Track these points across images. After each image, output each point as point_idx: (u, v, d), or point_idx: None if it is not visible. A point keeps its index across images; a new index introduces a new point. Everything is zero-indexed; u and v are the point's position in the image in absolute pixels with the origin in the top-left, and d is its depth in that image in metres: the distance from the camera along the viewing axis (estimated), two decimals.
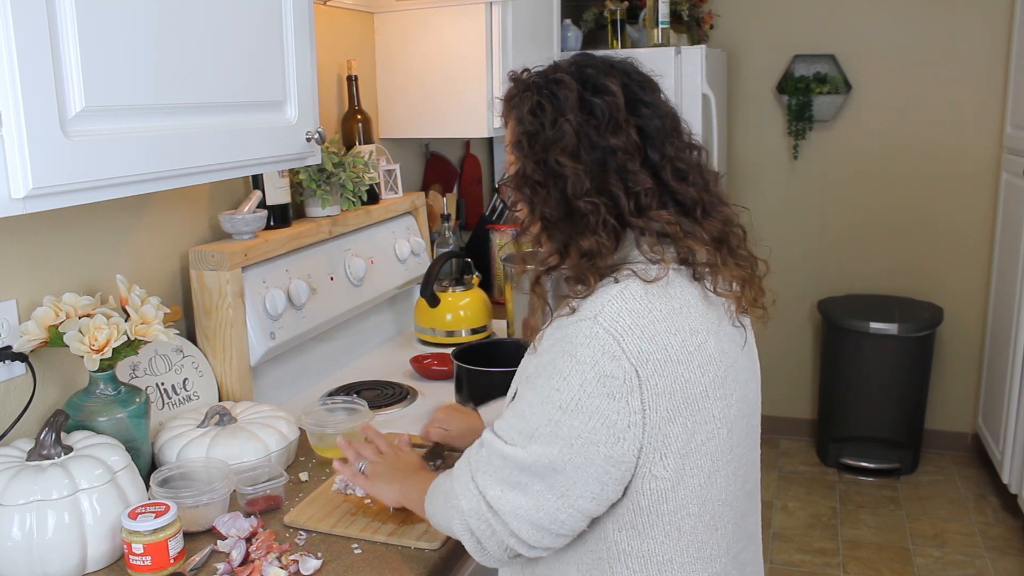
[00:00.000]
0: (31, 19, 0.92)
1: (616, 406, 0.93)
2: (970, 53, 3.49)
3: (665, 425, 0.95)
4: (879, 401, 3.50)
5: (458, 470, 1.07)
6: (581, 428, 0.94)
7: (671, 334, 0.96)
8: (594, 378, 0.93)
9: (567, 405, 0.94)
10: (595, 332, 0.94)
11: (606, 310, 0.95)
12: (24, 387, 1.34)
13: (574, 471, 0.95)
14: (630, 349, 0.93)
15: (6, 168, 0.93)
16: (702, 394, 0.98)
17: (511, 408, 1.03)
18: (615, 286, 0.98)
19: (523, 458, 0.97)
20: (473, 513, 1.02)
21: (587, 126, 1.01)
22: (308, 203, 1.97)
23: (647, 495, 0.98)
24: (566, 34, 2.94)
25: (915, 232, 3.70)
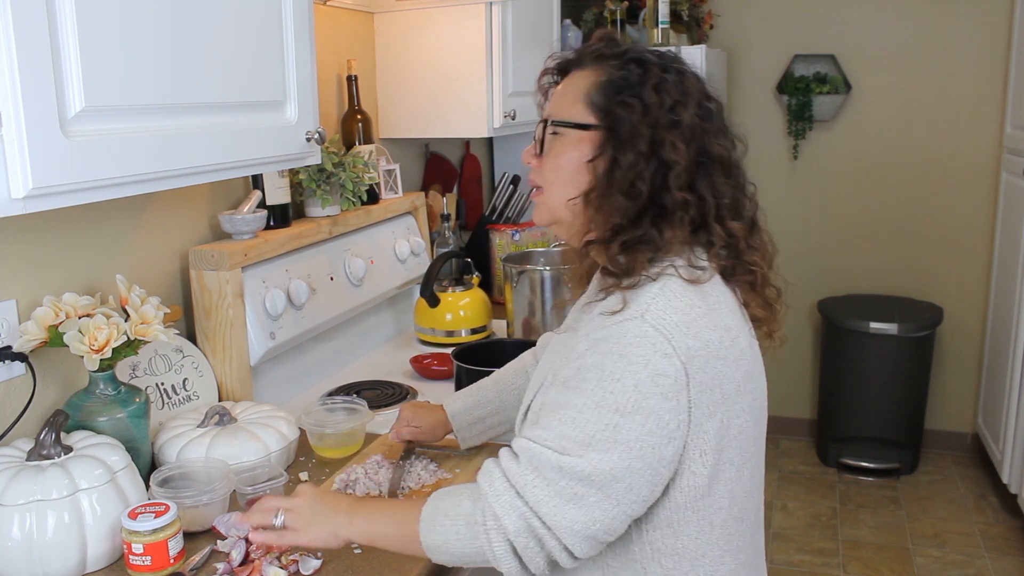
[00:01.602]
0: (31, 19, 0.92)
1: (668, 405, 0.93)
2: (970, 53, 3.49)
3: (705, 421, 0.95)
4: (879, 401, 3.50)
5: (491, 489, 0.98)
6: (639, 431, 0.92)
7: (710, 330, 0.96)
8: (647, 378, 0.92)
9: (623, 407, 0.92)
10: (644, 331, 0.93)
11: (652, 308, 0.95)
12: (24, 387, 1.34)
13: (631, 477, 0.93)
14: (679, 346, 0.93)
15: (6, 168, 0.93)
16: (735, 389, 0.99)
17: (553, 414, 0.97)
18: (654, 284, 0.98)
19: (582, 468, 0.93)
20: (522, 532, 0.95)
21: (703, 124, 1.03)
22: (308, 203, 1.97)
23: (685, 492, 0.98)
24: (566, 34, 2.94)
25: (915, 232, 3.70)
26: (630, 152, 1.01)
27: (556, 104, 1.11)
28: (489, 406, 1.45)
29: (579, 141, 1.06)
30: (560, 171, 1.08)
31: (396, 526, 1.06)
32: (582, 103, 1.06)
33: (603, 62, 1.08)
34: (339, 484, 1.41)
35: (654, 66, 1.05)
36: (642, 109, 1.02)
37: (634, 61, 1.06)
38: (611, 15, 3.13)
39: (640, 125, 1.01)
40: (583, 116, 1.06)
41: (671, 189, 1.00)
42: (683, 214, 1.01)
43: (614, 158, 1.02)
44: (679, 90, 1.04)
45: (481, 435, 1.46)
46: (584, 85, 1.07)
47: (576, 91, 1.08)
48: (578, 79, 1.09)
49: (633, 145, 1.01)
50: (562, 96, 1.11)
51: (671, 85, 1.03)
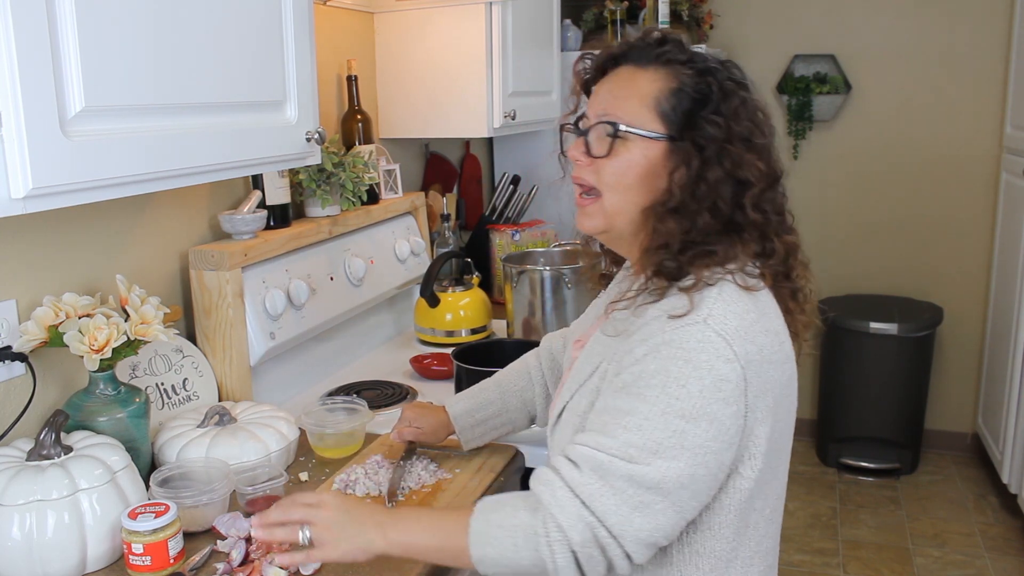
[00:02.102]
0: (31, 19, 0.92)
1: (730, 411, 0.93)
2: (970, 53, 3.49)
3: (757, 426, 0.96)
4: (879, 401, 3.50)
5: (553, 499, 0.95)
6: (704, 436, 0.92)
7: (763, 334, 0.97)
8: (711, 383, 0.92)
9: (689, 413, 0.92)
10: (707, 336, 0.93)
11: (714, 312, 0.95)
12: (24, 387, 1.34)
13: (696, 483, 0.93)
14: (740, 351, 0.94)
15: (6, 168, 0.93)
16: (782, 393, 1.00)
17: (617, 421, 0.95)
18: (712, 289, 0.98)
19: (651, 476, 0.92)
20: (587, 543, 0.93)
21: (769, 143, 1.05)
22: (308, 203, 1.97)
23: (731, 495, 0.98)
24: (566, 34, 2.94)
25: (915, 232, 3.70)
26: (717, 169, 1.01)
27: (615, 104, 1.06)
28: (491, 407, 1.45)
29: (648, 148, 1.04)
30: (625, 176, 1.05)
31: (439, 538, 1.02)
32: (650, 109, 1.04)
33: (671, 67, 1.05)
34: (339, 484, 1.40)
35: (729, 82, 1.04)
36: (727, 129, 1.01)
37: (709, 74, 1.04)
38: (611, 15, 3.12)
39: (726, 145, 1.01)
40: (653, 123, 1.04)
41: (745, 207, 1.01)
42: (753, 231, 1.02)
43: (700, 175, 1.01)
44: (753, 109, 1.05)
45: (484, 436, 1.46)
46: (651, 90, 1.04)
47: (641, 94, 1.05)
48: (640, 80, 1.06)
49: (720, 163, 1.01)
50: (622, 97, 1.06)
51: (749, 105, 1.04)
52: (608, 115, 1.06)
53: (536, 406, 1.44)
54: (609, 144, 1.05)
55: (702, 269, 1.00)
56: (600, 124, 1.06)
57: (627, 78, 1.07)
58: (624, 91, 1.06)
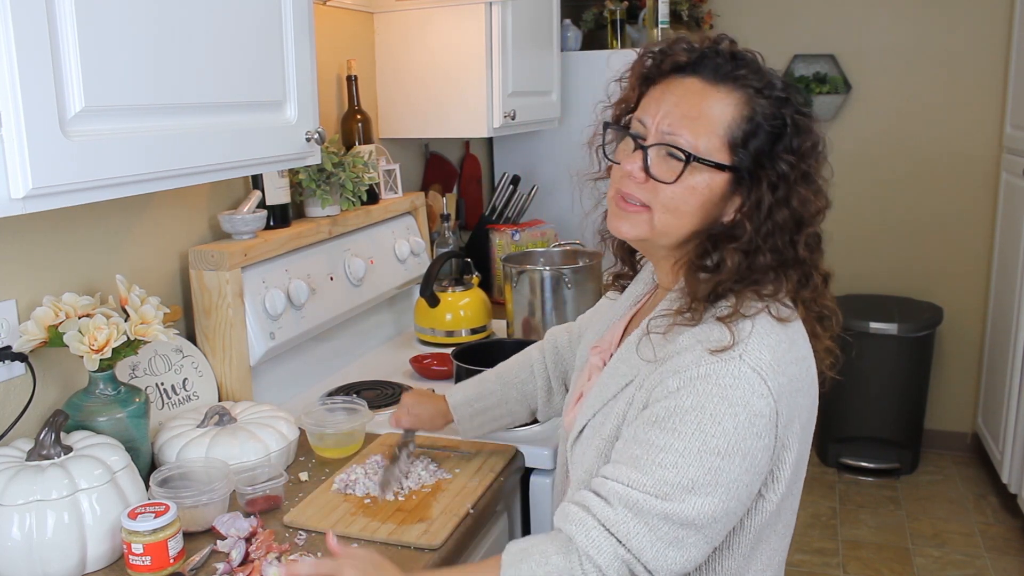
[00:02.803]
0: (31, 19, 0.92)
1: (761, 444, 0.93)
2: (970, 53, 3.49)
3: (784, 452, 0.97)
4: (879, 401, 3.50)
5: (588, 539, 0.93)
6: (739, 471, 0.92)
7: (792, 363, 0.97)
8: (746, 419, 0.92)
9: (725, 450, 0.91)
10: (743, 371, 0.92)
11: (750, 348, 0.94)
12: (24, 387, 1.34)
13: (729, 516, 0.94)
14: (773, 385, 0.93)
15: (6, 168, 0.93)
16: (808, 418, 1.00)
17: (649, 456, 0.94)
18: (747, 321, 0.97)
19: (686, 513, 0.92)
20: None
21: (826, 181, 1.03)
22: (308, 203, 1.97)
23: (753, 517, 0.99)
24: (566, 34, 2.94)
25: (915, 232, 3.70)
26: (784, 210, 0.99)
27: (683, 124, 1.00)
28: (491, 398, 1.45)
29: (714, 177, 1.00)
30: (686, 203, 1.01)
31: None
32: (722, 137, 0.99)
33: (746, 91, 1.00)
34: (339, 484, 1.41)
35: (801, 116, 1.01)
36: (797, 167, 0.99)
37: (784, 105, 1.00)
38: (611, 15, 3.13)
39: (796, 185, 0.99)
40: (722, 152, 0.99)
41: (798, 245, 1.01)
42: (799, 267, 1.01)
43: (769, 214, 0.99)
44: (820, 145, 1.02)
45: (482, 427, 1.46)
46: (725, 116, 0.99)
47: (713, 119, 0.99)
48: (712, 101, 1.00)
49: (788, 204, 0.99)
50: (692, 117, 1.00)
51: (817, 141, 1.02)
52: (677, 136, 1.00)
53: (537, 400, 1.45)
54: (679, 171, 0.99)
55: (743, 299, 0.98)
56: (668, 147, 1.00)
57: (697, 95, 1.00)
58: (694, 110, 1.00)
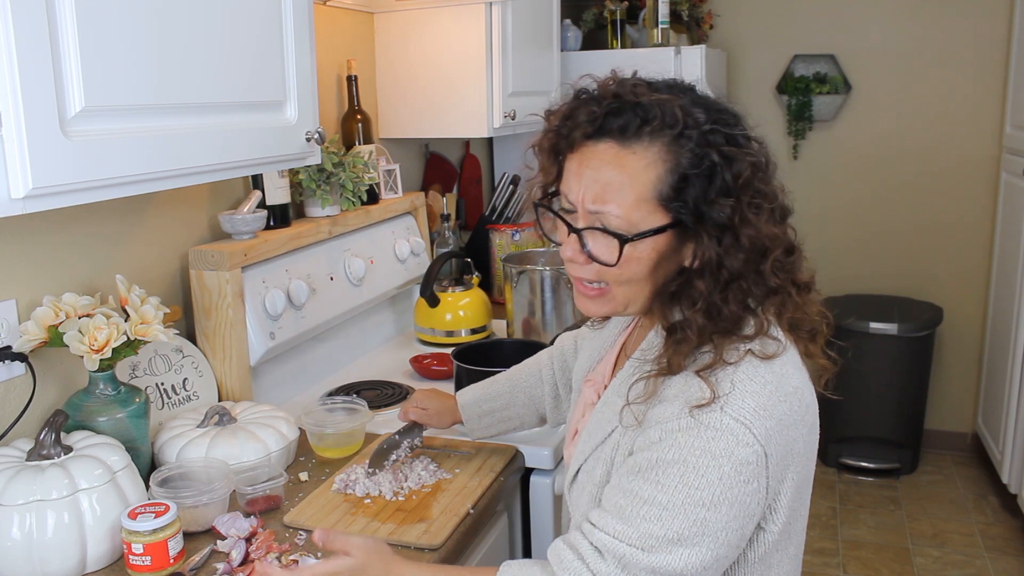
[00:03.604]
0: (31, 19, 0.92)
1: (750, 489, 0.90)
2: (970, 53, 3.49)
3: (779, 486, 0.94)
4: (879, 401, 3.50)
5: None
6: (725, 519, 0.90)
7: (781, 402, 0.93)
8: (731, 469, 0.89)
9: (710, 501, 0.89)
10: (725, 423, 0.89)
11: (731, 399, 0.91)
12: (24, 387, 1.34)
13: (720, 562, 0.92)
14: (759, 432, 0.90)
15: (6, 168, 0.93)
16: (804, 444, 0.97)
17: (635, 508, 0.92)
18: (728, 368, 0.93)
19: (674, 566, 0.90)
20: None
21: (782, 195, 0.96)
22: (308, 203, 1.97)
23: (755, 549, 0.97)
24: (566, 34, 2.94)
25: (915, 232, 3.70)
26: (737, 254, 0.92)
27: (608, 197, 0.93)
28: (500, 400, 1.46)
29: (657, 240, 0.94)
30: (636, 273, 0.96)
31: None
32: (651, 201, 0.92)
33: (661, 140, 0.92)
34: (339, 484, 1.41)
35: (729, 146, 0.92)
36: (738, 207, 0.91)
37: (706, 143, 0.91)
38: (611, 15, 3.13)
39: (741, 226, 0.92)
40: (657, 215, 0.93)
41: (766, 276, 0.94)
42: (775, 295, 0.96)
43: (720, 263, 0.93)
44: (760, 164, 0.94)
45: (489, 428, 1.47)
46: (648, 178, 0.92)
47: (638, 186, 0.92)
48: (630, 165, 0.92)
49: (738, 248, 0.92)
50: (614, 188, 0.93)
51: (755, 162, 0.94)
52: (605, 214, 0.93)
53: (545, 405, 1.45)
54: (617, 250, 0.94)
55: (724, 346, 0.94)
56: (600, 230, 0.95)
57: (613, 161, 0.93)
58: (615, 179, 0.93)
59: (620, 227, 0.94)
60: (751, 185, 0.92)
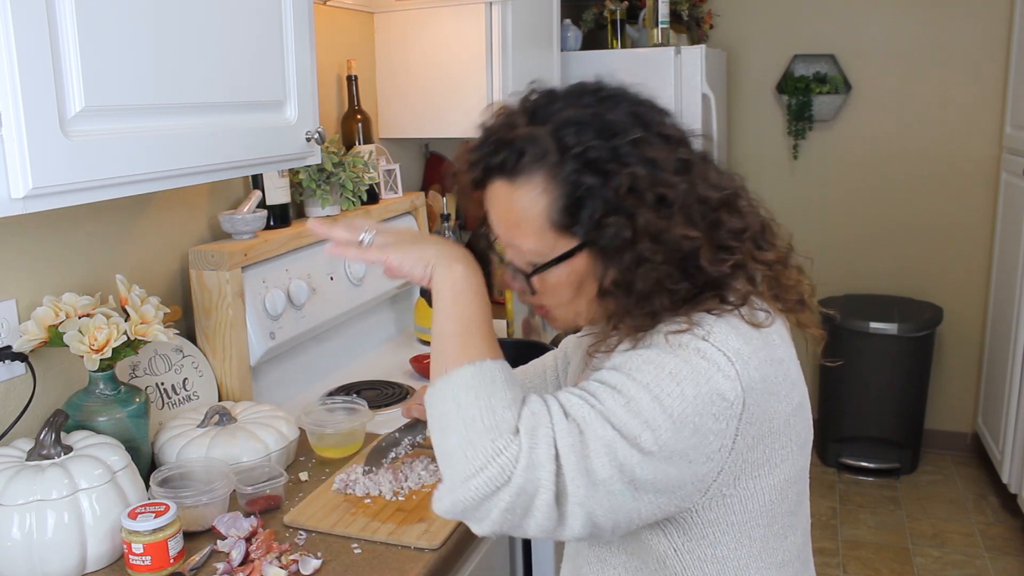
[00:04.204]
0: (31, 19, 0.92)
1: (716, 427, 0.87)
2: (970, 53, 3.49)
3: (747, 451, 0.92)
4: (879, 401, 3.50)
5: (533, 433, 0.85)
6: (685, 444, 0.87)
7: (768, 364, 0.92)
8: (707, 393, 0.86)
9: (678, 416, 0.86)
10: (707, 350, 0.88)
11: (715, 331, 0.89)
12: (24, 387, 1.34)
13: (663, 483, 0.87)
14: (743, 374, 0.88)
15: (6, 168, 0.93)
16: (784, 423, 0.95)
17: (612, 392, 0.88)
18: (710, 315, 0.91)
19: (628, 459, 0.86)
20: (524, 493, 0.84)
21: (694, 188, 0.91)
22: (308, 203, 1.97)
23: (714, 510, 0.94)
24: (566, 34, 2.94)
25: (915, 232, 3.70)
26: (645, 267, 0.90)
27: (511, 235, 0.96)
28: None
29: (568, 264, 0.95)
30: (562, 296, 0.98)
31: (464, 329, 0.93)
32: (546, 231, 0.93)
33: (541, 170, 0.92)
34: (339, 484, 1.40)
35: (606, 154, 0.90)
36: (631, 221, 0.89)
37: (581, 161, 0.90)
38: (611, 15, 3.13)
39: (637, 241, 0.89)
40: (558, 241, 0.94)
41: (704, 270, 0.91)
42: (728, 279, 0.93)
43: (629, 280, 0.91)
44: (647, 165, 0.90)
45: None
46: (535, 212, 0.93)
47: (530, 221, 0.94)
48: (518, 201, 0.93)
49: (639, 262, 0.90)
50: (513, 226, 0.95)
51: (645, 162, 0.90)
52: (515, 249, 0.97)
53: None
54: (530, 286, 0.99)
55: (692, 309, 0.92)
56: (513, 266, 0.99)
57: (505, 199, 0.95)
58: (511, 216, 0.95)
59: (535, 258, 0.96)
60: (643, 186, 0.89)
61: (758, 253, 0.97)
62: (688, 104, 2.86)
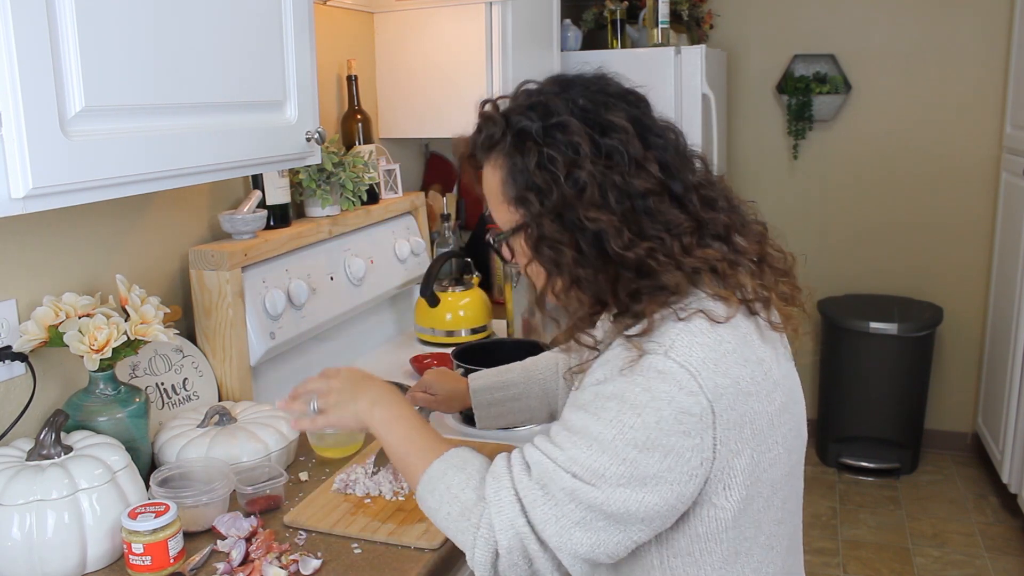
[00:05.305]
0: (31, 19, 0.92)
1: (691, 443, 0.88)
2: (970, 53, 3.49)
3: (733, 458, 0.91)
4: (879, 401, 3.50)
5: (497, 497, 0.96)
6: (657, 467, 0.88)
7: (740, 365, 0.92)
8: (671, 415, 0.88)
9: (643, 443, 0.88)
10: (669, 367, 0.89)
11: (677, 344, 0.90)
12: (24, 387, 1.34)
13: (646, 511, 0.90)
14: (706, 384, 0.89)
15: (6, 168, 0.93)
16: (768, 424, 0.94)
17: (570, 435, 0.94)
18: (679, 322, 0.93)
19: (594, 498, 0.90)
20: (513, 551, 0.94)
21: (610, 173, 0.94)
22: (308, 203, 1.97)
23: (706, 523, 0.94)
24: (566, 34, 2.94)
25: (915, 232, 3.70)
26: (557, 245, 0.96)
27: (488, 205, 1.06)
28: (513, 390, 1.44)
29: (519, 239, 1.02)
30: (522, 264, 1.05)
31: (404, 451, 1.09)
32: (506, 203, 1.01)
33: (496, 148, 1.01)
34: (339, 484, 1.40)
35: (530, 136, 0.96)
36: (539, 197, 0.96)
37: (515, 135, 0.98)
38: (611, 15, 3.13)
39: (550, 213, 0.95)
40: (512, 217, 1.01)
41: (619, 253, 0.93)
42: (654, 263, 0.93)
43: (543, 248, 0.97)
44: (564, 155, 0.94)
45: (499, 418, 1.45)
46: (495, 183, 1.01)
47: (494, 192, 1.02)
48: (488, 178, 1.03)
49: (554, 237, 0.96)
50: (488, 199, 1.05)
51: (556, 152, 0.95)
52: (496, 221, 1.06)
53: (558, 401, 1.42)
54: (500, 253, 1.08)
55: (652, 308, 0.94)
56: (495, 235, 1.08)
57: (482, 178, 1.06)
58: (485, 192, 1.06)
59: (502, 227, 1.05)
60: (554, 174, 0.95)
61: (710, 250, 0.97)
62: (688, 104, 2.86)
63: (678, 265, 0.94)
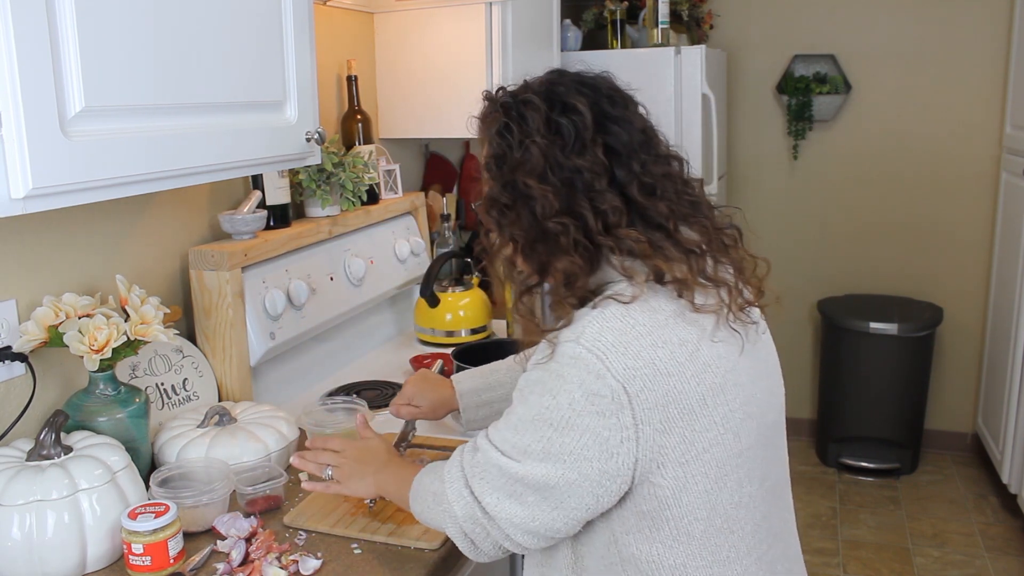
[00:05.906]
0: (31, 19, 0.92)
1: (607, 423, 0.94)
2: (970, 53, 3.49)
3: (660, 437, 0.95)
4: (879, 401, 3.50)
5: (450, 474, 1.07)
6: (573, 445, 0.95)
7: (656, 347, 0.96)
8: (582, 397, 0.94)
9: (557, 423, 0.96)
10: (577, 353, 0.95)
11: (587, 331, 0.96)
12: (24, 387, 1.34)
13: (568, 486, 0.97)
14: (615, 367, 0.94)
15: (6, 168, 0.93)
16: (699, 403, 0.97)
17: (506, 418, 1.03)
18: (594, 311, 0.98)
19: (517, 471, 0.99)
20: (468, 519, 1.04)
21: (553, 147, 1.02)
22: (308, 203, 1.97)
23: (648, 501, 0.98)
24: (566, 34, 2.94)
25: (915, 232, 3.70)
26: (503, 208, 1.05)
27: None
28: (500, 390, 1.46)
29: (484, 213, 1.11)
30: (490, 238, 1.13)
31: (397, 486, 1.21)
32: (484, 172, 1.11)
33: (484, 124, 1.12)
34: None
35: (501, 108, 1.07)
36: (495, 162, 1.06)
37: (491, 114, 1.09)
38: (611, 15, 3.13)
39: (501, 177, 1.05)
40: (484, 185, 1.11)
41: (542, 221, 1.01)
42: (565, 240, 1.00)
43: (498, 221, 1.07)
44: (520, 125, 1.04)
45: (486, 420, 1.45)
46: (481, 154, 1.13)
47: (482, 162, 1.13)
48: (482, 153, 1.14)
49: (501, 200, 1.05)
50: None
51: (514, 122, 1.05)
52: None
53: None
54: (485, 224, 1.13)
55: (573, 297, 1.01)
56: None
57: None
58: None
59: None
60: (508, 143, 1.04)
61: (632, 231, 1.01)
62: (688, 104, 2.86)
63: (592, 242, 1.00)
